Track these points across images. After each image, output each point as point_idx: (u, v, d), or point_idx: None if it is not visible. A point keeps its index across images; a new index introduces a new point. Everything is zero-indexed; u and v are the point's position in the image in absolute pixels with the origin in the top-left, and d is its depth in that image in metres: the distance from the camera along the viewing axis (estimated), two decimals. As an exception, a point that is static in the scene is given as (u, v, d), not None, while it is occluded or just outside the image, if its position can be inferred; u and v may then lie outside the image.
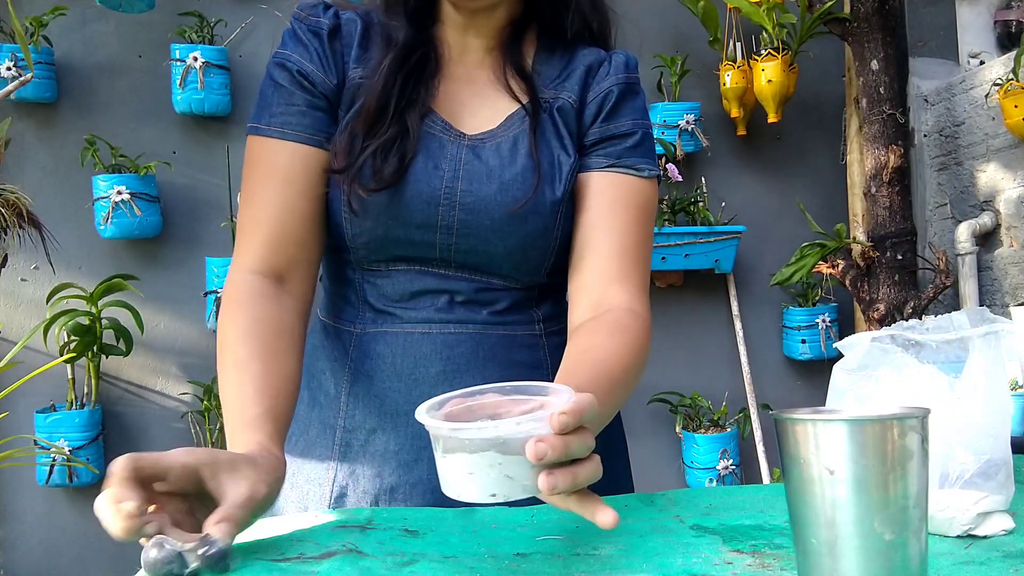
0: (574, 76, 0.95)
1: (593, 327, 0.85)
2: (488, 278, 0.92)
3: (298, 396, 0.84)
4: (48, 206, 2.41)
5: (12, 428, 2.38)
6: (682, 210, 2.78)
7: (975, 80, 2.72)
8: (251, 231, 0.88)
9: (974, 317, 0.75)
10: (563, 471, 0.57)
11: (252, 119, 0.90)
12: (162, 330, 2.59)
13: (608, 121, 0.94)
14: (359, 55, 0.92)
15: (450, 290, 0.91)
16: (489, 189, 0.89)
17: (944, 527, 0.69)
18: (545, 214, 0.90)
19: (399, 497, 0.89)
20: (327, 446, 0.93)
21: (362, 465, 0.91)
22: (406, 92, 0.89)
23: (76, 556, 2.51)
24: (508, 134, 0.92)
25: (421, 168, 0.88)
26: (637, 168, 0.93)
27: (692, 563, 0.64)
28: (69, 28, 2.54)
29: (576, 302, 0.91)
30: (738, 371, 2.90)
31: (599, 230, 0.91)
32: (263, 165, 0.89)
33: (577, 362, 0.79)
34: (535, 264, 0.92)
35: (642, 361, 0.85)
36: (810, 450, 0.53)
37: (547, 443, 0.55)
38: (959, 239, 2.70)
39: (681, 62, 2.79)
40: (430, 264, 0.91)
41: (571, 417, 0.56)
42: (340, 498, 0.91)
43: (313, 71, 0.90)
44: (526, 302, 0.95)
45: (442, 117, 0.91)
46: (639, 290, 0.90)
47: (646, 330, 0.87)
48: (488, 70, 0.95)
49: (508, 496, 0.58)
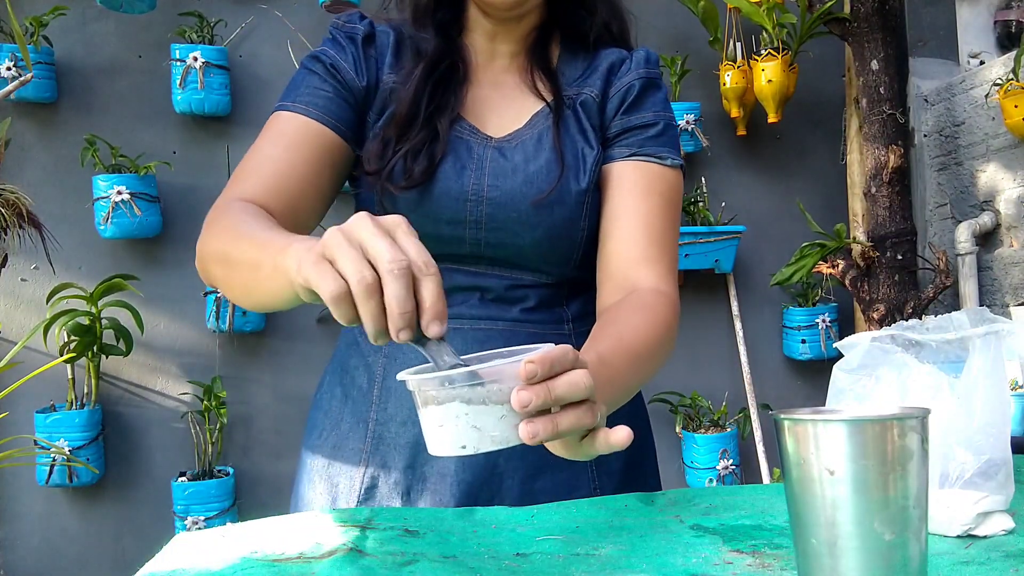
0: (597, 73, 0.98)
1: (618, 306, 0.86)
2: (518, 273, 0.94)
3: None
4: (48, 206, 2.41)
5: (12, 428, 2.38)
6: (682, 210, 2.78)
7: (975, 80, 2.72)
8: (246, 178, 0.88)
9: (974, 317, 0.75)
10: (544, 419, 0.57)
11: (280, 99, 0.93)
12: (162, 330, 2.59)
13: (629, 113, 0.97)
14: (393, 63, 0.96)
15: (480, 287, 0.94)
16: (514, 183, 0.91)
17: (944, 527, 0.69)
18: (571, 204, 0.92)
19: (429, 487, 0.91)
20: (359, 439, 0.94)
21: (393, 456, 0.92)
22: (435, 99, 0.93)
23: (76, 556, 2.51)
24: (533, 132, 0.95)
25: (450, 168, 0.91)
26: (660, 156, 0.95)
27: (692, 563, 0.64)
28: (69, 28, 2.54)
29: (603, 286, 0.93)
30: (738, 371, 2.90)
31: (624, 215, 0.93)
32: (277, 131, 0.91)
33: (599, 335, 0.80)
34: (563, 256, 0.94)
35: (668, 339, 0.86)
36: (810, 450, 0.53)
37: (527, 390, 0.55)
38: (959, 239, 2.70)
39: (681, 62, 2.79)
40: (461, 261, 0.93)
41: (539, 365, 0.56)
42: (371, 489, 0.92)
43: (345, 68, 0.94)
44: (556, 300, 0.96)
45: (470, 122, 0.95)
46: (667, 272, 0.91)
47: (673, 310, 0.88)
48: (515, 74, 0.99)
49: (478, 448, 0.57)
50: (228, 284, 0.79)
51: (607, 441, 0.60)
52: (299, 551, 0.66)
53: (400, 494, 0.91)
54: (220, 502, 2.41)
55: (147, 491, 2.55)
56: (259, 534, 0.71)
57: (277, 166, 0.88)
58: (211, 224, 0.83)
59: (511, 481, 0.91)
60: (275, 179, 0.87)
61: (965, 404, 0.71)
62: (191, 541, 0.71)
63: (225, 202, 0.85)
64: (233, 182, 0.89)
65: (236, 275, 0.75)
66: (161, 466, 2.56)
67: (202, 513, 2.38)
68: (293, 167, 0.88)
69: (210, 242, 0.81)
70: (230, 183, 0.89)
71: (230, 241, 0.77)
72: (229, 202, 0.84)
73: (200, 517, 2.37)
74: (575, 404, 0.58)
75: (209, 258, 0.81)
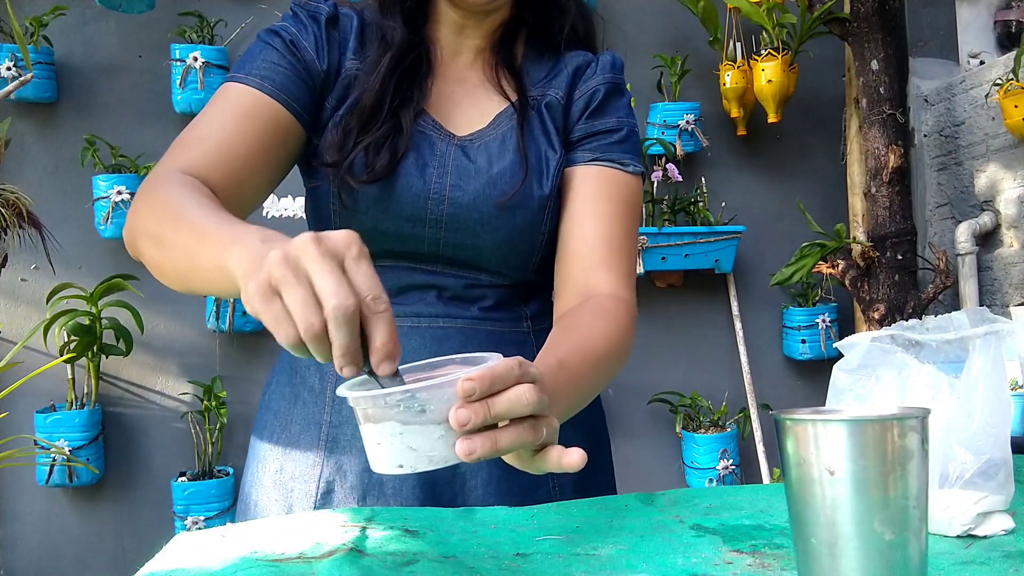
0: (562, 75, 0.97)
1: (578, 311, 0.86)
2: (476, 274, 0.93)
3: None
4: (48, 206, 2.41)
5: (12, 428, 2.38)
6: (682, 210, 2.78)
7: (975, 80, 2.72)
8: (189, 147, 0.84)
9: (974, 317, 0.75)
10: (483, 435, 0.55)
11: (233, 70, 0.89)
12: (162, 330, 2.59)
13: (594, 118, 0.96)
14: (356, 48, 0.93)
15: (438, 286, 0.92)
16: (477, 184, 0.90)
17: (944, 527, 0.69)
18: (533, 208, 0.91)
19: (388, 492, 0.89)
20: (312, 442, 0.92)
21: (350, 460, 0.90)
22: (401, 91, 0.91)
23: (76, 556, 2.51)
24: (497, 132, 0.94)
25: (412, 164, 0.90)
26: (622, 163, 0.95)
27: (692, 563, 0.64)
28: (69, 28, 2.54)
29: (561, 290, 0.92)
30: (738, 371, 2.90)
31: (583, 220, 0.92)
32: (227, 101, 0.87)
33: (559, 340, 0.79)
34: (523, 259, 0.93)
35: (627, 345, 0.85)
36: (810, 450, 0.53)
37: (466, 408, 0.54)
38: (959, 239, 2.70)
39: (681, 62, 2.79)
40: (419, 260, 0.92)
41: (478, 383, 0.55)
42: (327, 494, 0.90)
43: (306, 47, 0.91)
44: (514, 299, 0.96)
45: (433, 117, 0.93)
46: (624, 278, 0.91)
47: (630, 315, 0.87)
48: (479, 70, 0.97)
49: (415, 467, 0.56)
50: (160, 267, 0.75)
51: (559, 461, 0.59)
52: (299, 551, 0.66)
53: (357, 498, 0.89)
54: (220, 502, 2.41)
55: (147, 491, 2.55)
56: (259, 534, 0.71)
57: (223, 138, 0.84)
58: (146, 195, 0.78)
59: (474, 481, 0.89)
60: (220, 152, 0.83)
61: (965, 404, 0.71)
62: (191, 541, 0.71)
63: (164, 172, 0.80)
64: (175, 149, 0.84)
65: (170, 260, 0.72)
66: (161, 466, 2.56)
67: (202, 513, 2.38)
68: (241, 142, 0.84)
69: (143, 217, 0.76)
70: (171, 150, 0.84)
71: (167, 222, 0.72)
72: (169, 173, 0.80)
73: (200, 517, 2.37)
74: (520, 420, 0.57)
75: (140, 234, 0.77)
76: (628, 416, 2.81)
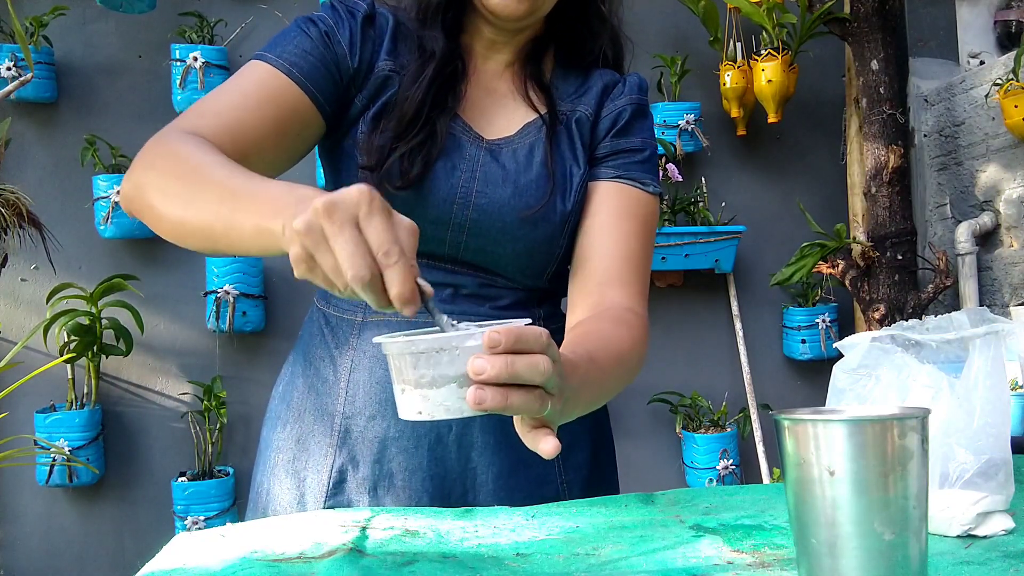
0: (591, 92, 1.00)
1: (596, 318, 0.87)
2: (492, 277, 0.95)
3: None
4: (48, 206, 2.41)
5: (12, 428, 2.38)
6: (682, 210, 2.78)
7: (975, 80, 2.72)
8: (205, 115, 0.82)
9: (974, 317, 0.75)
10: (495, 389, 0.57)
11: (264, 49, 0.88)
12: (162, 330, 2.59)
13: (620, 136, 0.98)
14: (390, 48, 0.94)
15: (455, 284, 0.94)
16: (504, 192, 0.92)
17: (944, 527, 0.69)
18: (554, 223, 0.93)
19: (398, 483, 0.91)
20: (326, 433, 0.94)
21: (362, 451, 0.92)
22: (439, 100, 0.92)
23: (76, 556, 2.51)
24: (525, 141, 0.95)
25: (441, 168, 0.91)
26: (643, 182, 0.97)
27: (692, 563, 0.64)
28: (69, 28, 2.54)
29: (576, 303, 0.94)
30: (738, 371, 2.90)
31: (603, 236, 0.94)
32: (252, 79, 0.86)
33: (585, 339, 0.81)
34: (538, 269, 0.96)
35: (642, 354, 0.87)
36: (810, 450, 0.53)
37: (484, 359, 0.56)
38: (959, 239, 2.70)
39: (681, 62, 2.79)
40: (437, 260, 0.93)
41: (504, 336, 0.56)
42: (339, 484, 0.92)
43: (339, 41, 0.91)
44: (527, 301, 0.98)
45: (464, 120, 0.95)
46: (639, 295, 0.93)
47: (644, 329, 0.89)
48: (507, 82, 0.99)
49: (432, 416, 0.58)
50: (179, 224, 0.71)
51: (536, 442, 0.60)
52: (299, 551, 0.66)
53: (368, 489, 0.91)
54: (220, 502, 2.41)
55: (147, 491, 2.55)
56: (259, 534, 0.71)
57: (241, 115, 0.82)
58: (157, 150, 0.75)
59: (484, 476, 0.91)
60: (235, 127, 0.81)
61: (965, 404, 0.71)
62: (191, 541, 0.71)
63: (176, 132, 0.77)
64: (188, 116, 0.82)
65: (195, 218, 0.68)
66: (161, 466, 2.56)
67: (202, 513, 2.38)
68: (260, 121, 0.83)
69: (155, 172, 0.73)
70: (185, 115, 0.82)
71: (188, 178, 0.70)
72: (180, 132, 0.76)
73: (200, 517, 2.37)
74: (532, 388, 0.58)
75: (152, 188, 0.73)
76: (628, 416, 2.81)
